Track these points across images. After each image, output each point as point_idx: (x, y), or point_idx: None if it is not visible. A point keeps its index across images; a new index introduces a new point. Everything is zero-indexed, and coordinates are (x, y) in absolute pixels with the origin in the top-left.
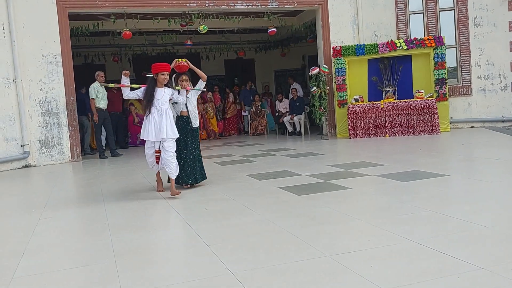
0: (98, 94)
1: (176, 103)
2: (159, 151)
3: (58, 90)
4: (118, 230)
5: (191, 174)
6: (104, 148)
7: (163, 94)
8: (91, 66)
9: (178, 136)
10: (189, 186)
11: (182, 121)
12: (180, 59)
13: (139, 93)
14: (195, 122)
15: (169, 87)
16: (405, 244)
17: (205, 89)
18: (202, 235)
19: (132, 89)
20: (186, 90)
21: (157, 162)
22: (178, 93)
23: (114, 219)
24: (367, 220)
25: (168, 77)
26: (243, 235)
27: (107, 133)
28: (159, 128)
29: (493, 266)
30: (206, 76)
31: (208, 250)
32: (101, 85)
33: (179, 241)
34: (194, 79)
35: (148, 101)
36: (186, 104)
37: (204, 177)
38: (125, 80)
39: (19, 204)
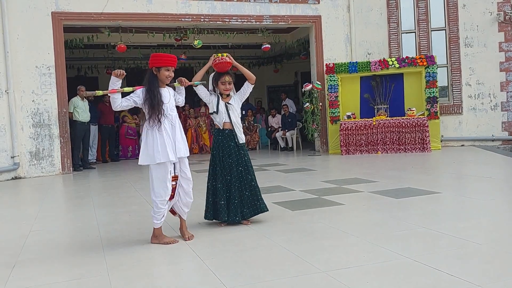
0: (77, 108)
1: (217, 113)
2: (176, 178)
3: (50, 101)
4: (111, 243)
5: (237, 207)
6: (80, 162)
7: (169, 97)
8: (84, 79)
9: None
10: (223, 224)
11: (223, 136)
12: (220, 54)
13: (136, 98)
14: (241, 137)
15: (169, 85)
16: (400, 260)
17: (204, 82)
18: (197, 249)
19: (123, 95)
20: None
21: (172, 197)
22: (175, 91)
23: (107, 232)
24: (362, 236)
25: (173, 74)
26: (238, 250)
27: (83, 147)
28: (174, 143)
29: (487, 283)
30: (254, 78)
31: (202, 264)
32: (85, 97)
33: (172, 255)
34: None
35: (158, 106)
36: (228, 113)
37: (261, 209)
38: (115, 83)
39: (9, 216)
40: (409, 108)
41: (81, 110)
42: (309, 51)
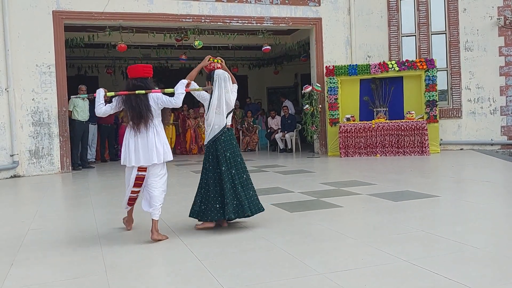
0: (77, 107)
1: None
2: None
3: (50, 100)
4: (109, 243)
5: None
6: (79, 161)
7: None
8: (84, 78)
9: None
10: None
11: None
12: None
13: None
14: (207, 138)
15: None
16: (398, 263)
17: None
18: (195, 250)
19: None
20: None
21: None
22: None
23: (105, 232)
24: (360, 238)
25: None
26: (237, 251)
27: (82, 146)
28: None
29: (486, 287)
30: (187, 81)
31: (201, 265)
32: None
33: (171, 256)
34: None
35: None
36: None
37: (201, 218)
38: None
39: (8, 214)
40: (409, 111)
41: (80, 109)
42: (309, 53)
